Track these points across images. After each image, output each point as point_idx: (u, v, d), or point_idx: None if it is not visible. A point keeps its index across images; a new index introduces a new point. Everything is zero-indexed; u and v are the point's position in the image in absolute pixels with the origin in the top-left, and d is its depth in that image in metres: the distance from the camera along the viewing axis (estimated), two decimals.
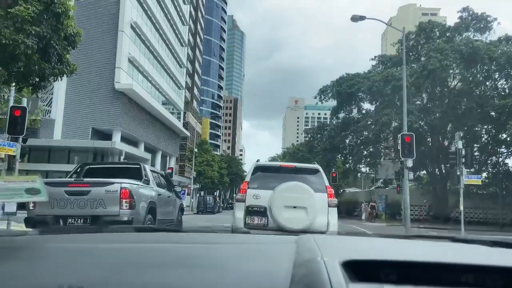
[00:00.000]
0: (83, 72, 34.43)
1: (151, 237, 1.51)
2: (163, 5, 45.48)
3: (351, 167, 37.22)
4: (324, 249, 0.97)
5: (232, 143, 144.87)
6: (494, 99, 27.57)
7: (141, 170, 8.78)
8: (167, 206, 9.73)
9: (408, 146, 14.79)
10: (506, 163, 30.86)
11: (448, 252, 1.18)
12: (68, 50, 10.12)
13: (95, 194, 7.23)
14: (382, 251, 1.10)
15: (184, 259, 1.04)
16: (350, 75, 33.09)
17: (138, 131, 38.78)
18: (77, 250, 1.16)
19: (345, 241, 1.41)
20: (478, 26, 28.17)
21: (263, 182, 7.43)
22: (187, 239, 1.46)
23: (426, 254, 1.09)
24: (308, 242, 1.11)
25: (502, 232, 23.53)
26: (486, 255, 1.13)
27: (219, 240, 1.43)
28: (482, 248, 1.24)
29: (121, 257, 1.07)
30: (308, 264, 0.86)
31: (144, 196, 8.02)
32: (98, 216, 7.19)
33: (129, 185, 7.45)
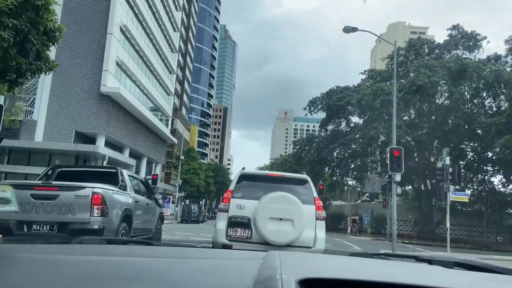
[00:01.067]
0: (69, 73, 33.81)
1: (119, 250, 1.50)
2: (154, 10, 45.14)
3: (338, 179, 37.07)
4: (285, 267, 0.99)
5: (220, 152, 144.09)
6: (481, 117, 27.77)
7: (118, 175, 8.19)
8: (145, 214, 9.15)
9: (396, 160, 14.56)
10: (492, 181, 31.05)
11: (406, 272, 1.21)
12: (48, 46, 9.63)
13: (63, 199, 6.64)
14: (341, 269, 1.14)
15: (150, 273, 1.03)
16: (340, 88, 33.11)
17: (123, 136, 38.03)
18: (45, 261, 1.14)
19: (310, 259, 1.41)
20: (468, 44, 28.46)
21: (248, 192, 6.97)
22: (155, 253, 1.46)
23: (384, 274, 1.11)
24: (272, 259, 1.11)
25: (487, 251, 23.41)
26: (442, 277, 1.15)
27: (188, 255, 1.43)
28: (442, 269, 1.28)
29: (88, 270, 1.07)
30: (267, 282, 0.88)
31: (119, 203, 7.45)
32: (66, 223, 6.60)
33: (102, 190, 6.89)
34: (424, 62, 26.69)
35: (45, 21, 8.88)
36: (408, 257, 1.70)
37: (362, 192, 44.74)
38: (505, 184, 29.77)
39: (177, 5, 55.41)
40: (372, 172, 37.00)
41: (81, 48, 34.21)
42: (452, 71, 24.42)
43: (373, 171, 37.43)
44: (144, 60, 42.94)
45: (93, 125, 33.84)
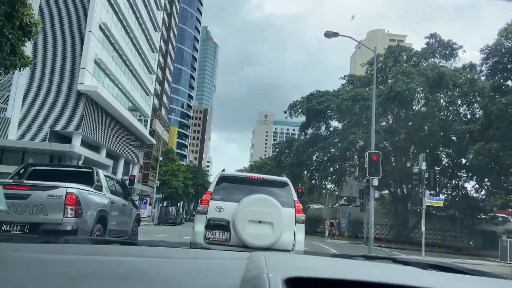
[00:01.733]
0: (45, 71, 32.93)
1: (106, 250, 1.51)
2: (135, 8, 44.54)
3: (317, 183, 37.33)
4: (271, 266, 1.02)
5: (200, 154, 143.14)
6: (455, 124, 28.51)
7: (93, 175, 7.99)
8: (121, 215, 8.98)
9: (374, 165, 14.75)
10: (465, 186, 31.87)
11: (385, 272, 1.27)
12: (23, 41, 9.33)
13: (35, 198, 6.43)
14: (323, 269, 1.19)
15: (138, 273, 1.05)
16: (320, 92, 33.40)
17: (100, 136, 37.27)
18: (31, 261, 1.14)
19: (294, 259, 1.46)
20: (444, 52, 29.19)
21: (228, 194, 6.87)
22: (141, 252, 1.47)
23: (365, 273, 1.16)
24: (258, 259, 1.15)
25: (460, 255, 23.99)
26: (418, 277, 1.21)
27: (174, 255, 1.45)
28: (417, 270, 1.35)
29: (75, 269, 1.07)
30: (253, 280, 0.92)
31: (94, 204, 7.28)
32: (38, 223, 6.39)
33: (76, 190, 6.71)
34: (402, 69, 27.24)
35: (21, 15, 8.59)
36: (385, 259, 1.80)
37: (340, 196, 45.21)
38: (477, 190, 30.63)
39: (158, 5, 54.87)
40: (351, 176, 37.46)
41: (58, 45, 33.39)
42: (429, 78, 24.99)
43: (351, 175, 37.90)
44: (123, 59, 42.27)
45: (69, 124, 33.02)
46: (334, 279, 0.98)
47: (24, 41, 9.34)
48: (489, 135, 23.26)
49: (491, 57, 23.48)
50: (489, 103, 23.47)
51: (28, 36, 9.21)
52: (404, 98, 26.31)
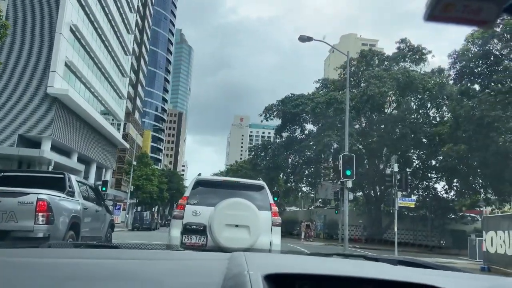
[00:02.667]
0: (13, 73, 31.81)
1: (88, 253, 1.52)
2: (107, 10, 43.70)
3: (292, 186, 37.56)
4: (251, 264, 1.07)
5: (175, 158, 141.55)
6: (425, 127, 29.33)
7: (65, 180, 7.83)
8: (94, 221, 8.86)
9: (348, 167, 14.97)
10: (436, 187, 32.79)
11: (357, 268, 1.36)
12: None
13: (5, 205, 6.27)
14: (301, 266, 1.27)
15: (121, 274, 1.07)
16: (295, 96, 33.69)
17: (71, 140, 36.29)
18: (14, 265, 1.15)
19: (272, 258, 1.54)
20: (414, 57, 30.03)
21: (204, 198, 6.85)
22: (124, 255, 1.48)
23: (339, 269, 1.23)
24: (238, 258, 1.20)
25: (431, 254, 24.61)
26: (388, 271, 1.30)
27: (155, 256, 1.46)
28: (387, 265, 1.44)
29: (59, 272, 1.08)
30: (235, 278, 0.96)
31: (66, 210, 7.16)
32: (8, 231, 6.22)
33: (47, 196, 6.56)
34: (375, 73, 27.83)
35: None
36: (358, 256, 1.91)
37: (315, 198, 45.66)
38: (447, 190, 31.55)
39: (131, 7, 54.06)
40: (325, 178, 37.89)
41: (27, 47, 32.34)
42: (400, 82, 25.65)
43: (326, 177, 38.35)
44: (95, 62, 41.38)
45: (38, 129, 31.98)
46: (310, 274, 1.06)
47: None
48: (457, 137, 24.05)
49: (459, 62, 24.33)
50: (457, 106, 24.28)
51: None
52: (377, 102, 26.90)
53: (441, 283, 1.05)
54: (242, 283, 0.92)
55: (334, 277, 1.05)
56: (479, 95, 22.88)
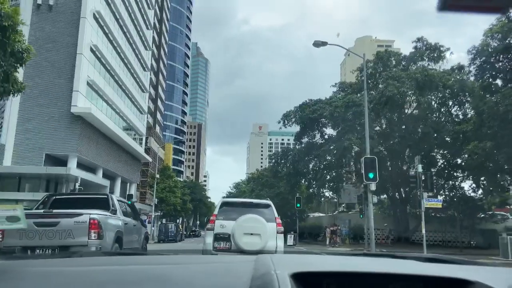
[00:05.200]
0: (38, 95, 32.98)
1: (120, 260, 1.58)
2: (125, 29, 44.91)
3: (314, 191, 37.30)
4: (277, 264, 1.08)
5: (196, 169, 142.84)
6: (448, 125, 28.75)
7: (109, 200, 9.10)
8: (133, 234, 9.98)
9: (371, 170, 14.85)
10: (462, 186, 31.97)
11: (384, 265, 1.35)
12: (16, 68, 9.42)
13: (64, 225, 7.38)
14: (326, 264, 1.28)
15: (154, 278, 1.09)
16: (312, 101, 33.63)
17: (96, 157, 37.22)
18: (49, 274, 1.19)
19: (298, 258, 1.54)
20: (432, 55, 29.58)
21: (228, 215, 9.11)
22: (153, 260, 1.53)
23: (366, 266, 1.23)
24: (265, 259, 1.22)
25: (462, 255, 23.98)
26: (416, 267, 1.27)
27: (184, 261, 1.52)
28: (415, 262, 1.42)
29: (93, 278, 1.10)
30: (263, 277, 0.99)
31: (112, 226, 8.26)
32: (67, 246, 7.32)
33: (97, 215, 7.70)
34: (392, 73, 27.55)
35: (13, 42, 8.71)
36: (385, 255, 1.88)
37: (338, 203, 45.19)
38: (475, 189, 30.73)
39: (147, 24, 55.36)
40: (348, 182, 37.51)
41: (50, 69, 33.54)
42: (419, 81, 25.30)
43: (349, 181, 37.97)
44: (115, 79, 42.46)
45: (64, 147, 32.98)
46: (337, 272, 1.06)
47: (16, 67, 9.43)
48: (482, 134, 23.47)
49: (479, 57, 23.84)
50: (479, 102, 23.74)
51: (20, 62, 9.31)
52: (396, 102, 26.57)
53: (472, 276, 1.04)
54: (270, 281, 0.95)
55: (362, 274, 1.05)
56: (502, 90, 22.35)
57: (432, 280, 1.06)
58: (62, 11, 34.57)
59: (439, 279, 1.06)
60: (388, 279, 1.05)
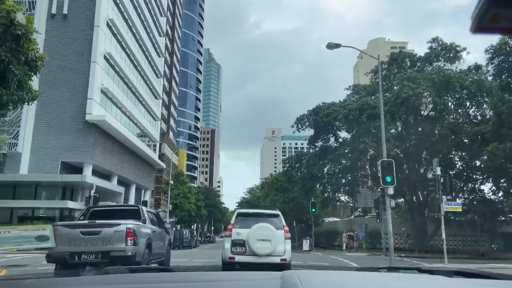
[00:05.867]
0: (53, 103, 33.43)
1: (144, 278, 1.58)
2: (138, 36, 45.33)
3: (330, 196, 36.82)
4: (305, 283, 1.05)
5: (210, 174, 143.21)
6: (466, 126, 28.09)
7: (139, 211, 10.29)
8: (159, 241, 11.05)
9: (388, 173, 14.49)
10: (482, 189, 31.16)
11: (412, 283, 1.31)
12: (30, 76, 9.42)
13: (105, 233, 8.50)
14: (353, 283, 1.23)
15: None
16: (326, 104, 33.29)
17: (111, 164, 37.48)
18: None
19: (323, 275, 1.51)
20: (448, 56, 29.01)
21: (243, 224, 10.31)
22: (177, 278, 1.54)
23: (392, 286, 1.20)
24: (291, 277, 1.18)
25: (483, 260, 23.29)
26: (446, 285, 1.24)
27: (208, 278, 1.50)
28: (444, 278, 1.37)
29: None
30: None
31: (143, 234, 9.34)
32: (108, 251, 8.39)
33: (133, 225, 8.82)
34: (407, 75, 27.08)
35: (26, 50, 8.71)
36: (410, 269, 1.82)
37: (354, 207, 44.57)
38: (495, 191, 29.93)
39: (160, 31, 55.84)
40: (364, 186, 36.97)
41: (65, 77, 33.98)
42: (435, 82, 24.79)
43: (364, 185, 37.42)
44: (129, 87, 42.82)
45: (79, 155, 33.28)
46: None
47: (30, 75, 9.43)
48: (502, 134, 22.85)
49: (497, 56, 23.28)
50: (498, 102, 23.14)
51: (34, 71, 9.32)
52: (412, 104, 26.07)
53: None
54: None
55: None
56: None
57: None
58: (76, 20, 35.05)
59: None
60: None
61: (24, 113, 32.26)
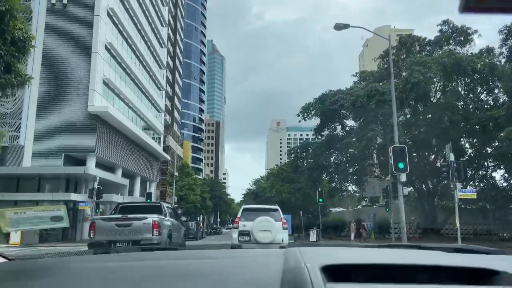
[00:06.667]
0: (55, 95, 32.94)
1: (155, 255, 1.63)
2: (139, 26, 44.60)
3: (337, 185, 36.13)
4: (307, 258, 1.12)
5: (215, 166, 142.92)
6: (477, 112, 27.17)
7: (161, 207, 12.37)
8: (177, 232, 12.79)
9: (400, 159, 13.79)
10: (493, 176, 30.33)
11: (411, 256, 1.37)
12: (19, 58, 8.79)
13: (135, 225, 10.30)
14: (354, 257, 1.28)
15: (186, 273, 1.16)
16: (332, 92, 32.46)
17: (115, 156, 37.05)
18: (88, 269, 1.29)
19: (325, 251, 1.52)
20: (459, 39, 28.02)
21: (248, 217, 12.06)
22: (189, 255, 1.62)
23: (393, 258, 1.25)
24: (294, 253, 1.24)
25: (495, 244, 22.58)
26: (444, 258, 1.29)
27: (219, 255, 1.55)
28: (442, 253, 1.42)
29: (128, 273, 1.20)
30: (294, 270, 1.03)
31: (166, 226, 11.16)
32: (138, 240, 10.15)
33: (158, 218, 10.63)
34: (417, 59, 26.16)
35: (12, 29, 8.06)
36: (411, 246, 1.86)
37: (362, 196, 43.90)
38: (507, 178, 29.10)
39: (162, 21, 55.02)
40: (371, 175, 36.25)
41: (66, 69, 33.42)
42: (446, 66, 23.87)
43: (372, 174, 36.70)
44: (132, 78, 42.22)
45: (82, 147, 32.84)
46: (365, 264, 1.09)
47: (19, 57, 8.80)
48: None
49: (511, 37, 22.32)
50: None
51: (23, 52, 8.68)
52: (422, 89, 25.18)
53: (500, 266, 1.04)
54: (301, 274, 0.98)
55: (390, 266, 1.07)
56: None
57: (459, 270, 1.07)
58: (75, 9, 34.38)
59: (465, 270, 1.07)
60: (415, 270, 1.07)
61: (25, 104, 31.82)
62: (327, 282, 0.95)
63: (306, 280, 0.94)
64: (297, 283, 0.95)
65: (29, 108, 32.19)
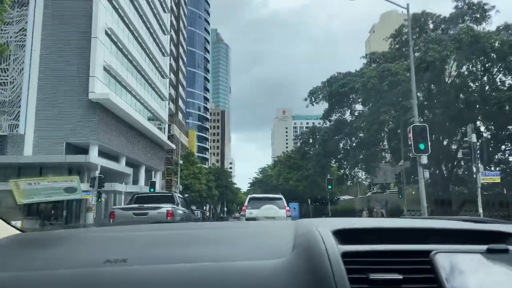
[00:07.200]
0: (55, 82, 31.97)
1: (171, 226, 1.75)
2: (141, 12, 43.34)
3: (346, 172, 35.00)
4: (318, 225, 1.15)
5: (221, 156, 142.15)
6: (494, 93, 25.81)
7: (173, 197, 13.10)
8: (188, 219, 13.07)
9: (421, 140, 12.66)
10: (510, 160, 29.04)
11: (420, 222, 1.42)
12: None
13: (151, 214, 10.78)
14: (365, 223, 1.33)
15: (203, 239, 1.21)
16: (341, 74, 31.19)
17: (118, 145, 36.16)
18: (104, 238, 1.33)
19: (334, 219, 1.59)
20: (475, 16, 26.53)
21: (254, 205, 13.07)
22: (203, 226, 1.65)
23: (403, 223, 1.33)
24: (304, 222, 1.29)
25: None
26: (452, 224, 1.33)
27: (234, 225, 1.59)
28: (450, 222, 1.46)
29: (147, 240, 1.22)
30: (306, 234, 1.07)
31: (179, 215, 11.74)
32: None
33: (171, 207, 11.42)
34: (432, 37, 24.76)
35: None
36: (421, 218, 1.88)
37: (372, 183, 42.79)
38: None
39: (164, 7, 53.66)
40: (382, 161, 35.07)
41: (66, 55, 32.37)
42: (464, 43, 22.50)
43: (382, 160, 35.51)
44: (133, 65, 41.12)
45: (84, 135, 31.96)
46: (376, 228, 1.16)
47: None
48: None
49: None
50: None
51: None
52: (438, 68, 23.84)
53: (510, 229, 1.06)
54: (313, 237, 1.00)
55: (400, 230, 1.12)
56: None
57: (472, 233, 1.11)
58: None
59: (477, 232, 1.11)
60: (427, 234, 1.11)
61: (24, 92, 30.92)
62: (340, 244, 0.97)
63: (319, 242, 0.96)
64: (309, 245, 0.97)
65: (29, 95, 31.29)
